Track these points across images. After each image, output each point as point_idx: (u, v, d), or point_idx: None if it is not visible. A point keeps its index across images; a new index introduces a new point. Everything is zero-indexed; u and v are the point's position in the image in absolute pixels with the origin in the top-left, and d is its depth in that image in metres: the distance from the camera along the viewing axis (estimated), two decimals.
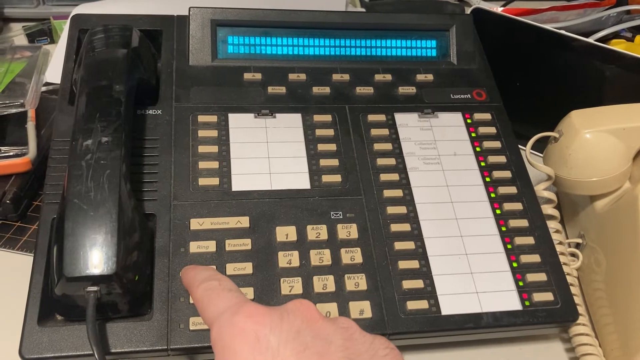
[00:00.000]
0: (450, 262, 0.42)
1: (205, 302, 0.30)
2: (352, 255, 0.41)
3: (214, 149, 0.44)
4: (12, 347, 0.36)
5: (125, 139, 0.39)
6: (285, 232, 0.41)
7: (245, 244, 0.40)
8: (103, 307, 0.36)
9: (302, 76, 0.50)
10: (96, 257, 0.35)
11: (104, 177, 0.37)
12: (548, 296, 0.42)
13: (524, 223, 0.45)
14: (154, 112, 0.46)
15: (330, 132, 0.47)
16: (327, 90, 0.49)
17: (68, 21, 0.62)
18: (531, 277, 0.42)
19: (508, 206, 0.45)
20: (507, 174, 0.47)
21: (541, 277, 0.42)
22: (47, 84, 0.60)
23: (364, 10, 0.73)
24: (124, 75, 0.42)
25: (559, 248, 0.45)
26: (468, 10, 0.75)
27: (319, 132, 0.47)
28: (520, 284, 0.42)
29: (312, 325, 0.28)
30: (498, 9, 0.76)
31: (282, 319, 0.27)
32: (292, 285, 0.39)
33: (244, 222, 0.41)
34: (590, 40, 0.60)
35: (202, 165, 0.43)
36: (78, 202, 0.36)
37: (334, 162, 0.45)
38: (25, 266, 0.44)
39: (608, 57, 0.58)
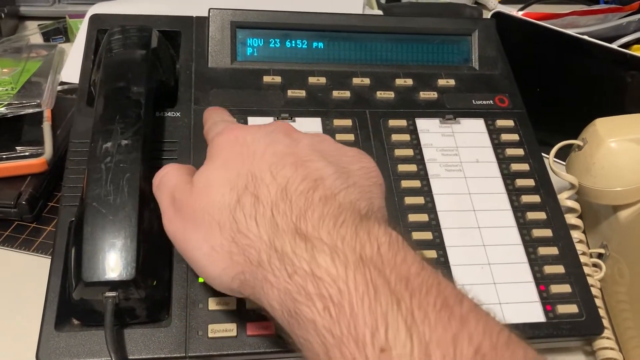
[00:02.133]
0: (473, 272, 0.41)
1: (210, 130, 0.37)
2: None
3: None
4: (27, 350, 0.36)
5: (145, 141, 0.38)
6: None
7: None
8: (121, 312, 0.35)
9: (322, 80, 0.49)
10: (115, 262, 0.34)
11: (124, 180, 0.36)
12: (572, 308, 0.41)
13: (547, 233, 0.44)
14: (173, 114, 0.45)
15: (350, 137, 0.46)
16: (347, 94, 0.49)
17: (85, 20, 0.62)
18: (555, 288, 0.41)
19: (531, 215, 0.44)
20: (530, 182, 0.46)
21: (565, 288, 0.42)
22: (62, 83, 0.60)
23: (381, 12, 0.73)
24: (144, 76, 0.41)
25: (582, 259, 0.45)
26: (486, 14, 0.74)
27: (339, 136, 0.46)
28: (544, 295, 0.41)
29: (285, 131, 0.32)
30: (516, 13, 0.75)
31: (259, 127, 0.33)
32: None
33: None
34: (613, 45, 0.59)
35: None
36: (97, 206, 0.35)
37: None
38: (41, 268, 0.44)
39: (631, 63, 0.57)
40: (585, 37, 0.60)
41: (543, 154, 0.48)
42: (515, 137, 0.48)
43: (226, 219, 0.29)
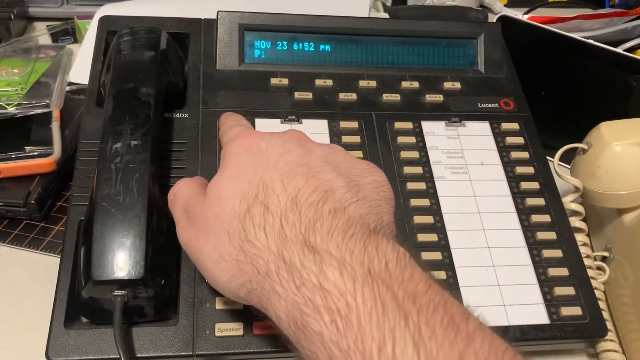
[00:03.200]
0: (478, 274, 0.42)
1: (225, 134, 0.39)
2: None
3: None
4: (37, 348, 0.36)
5: (154, 142, 0.39)
6: None
7: None
8: (129, 311, 0.36)
9: (329, 82, 0.49)
10: (124, 260, 0.34)
11: (133, 180, 0.36)
12: (576, 310, 0.41)
13: (552, 235, 0.44)
14: (181, 115, 0.46)
15: (356, 139, 0.47)
16: (353, 96, 0.49)
17: (94, 22, 0.62)
18: (559, 290, 0.42)
19: (536, 218, 0.45)
20: (535, 185, 0.46)
21: (569, 290, 0.42)
22: (70, 83, 0.60)
23: (387, 15, 0.73)
24: (154, 78, 0.42)
25: (586, 261, 0.45)
26: (492, 17, 0.75)
27: (345, 138, 0.46)
28: (548, 297, 0.41)
29: (299, 140, 0.33)
30: (522, 16, 0.75)
31: (272, 135, 0.33)
32: None
33: None
34: (619, 49, 0.59)
35: None
36: (107, 206, 0.36)
37: None
38: (49, 266, 0.45)
39: (636, 67, 0.58)
40: (591, 41, 0.60)
41: (548, 157, 0.49)
42: (520, 140, 0.49)
43: (235, 228, 0.29)
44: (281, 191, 0.29)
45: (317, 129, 0.47)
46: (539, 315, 0.41)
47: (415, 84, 0.51)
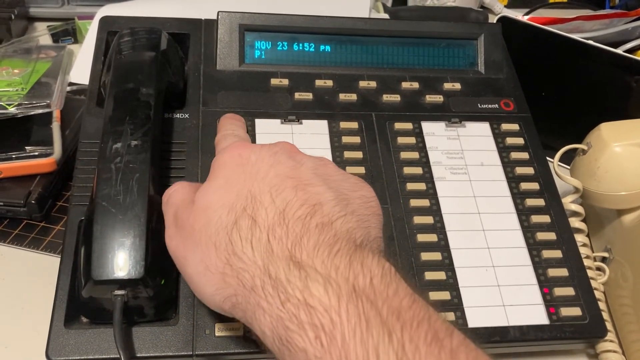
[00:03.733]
0: (477, 274, 0.42)
1: (219, 142, 0.39)
2: None
3: None
4: (37, 347, 0.37)
5: (154, 142, 0.39)
6: None
7: None
8: (129, 311, 0.36)
9: (329, 82, 0.49)
10: (124, 260, 0.34)
11: (133, 180, 0.37)
12: (576, 311, 0.41)
13: (551, 236, 0.44)
14: (181, 115, 0.46)
15: (356, 139, 0.47)
16: (353, 97, 0.49)
17: (94, 22, 0.62)
18: (558, 291, 0.42)
19: (536, 218, 0.45)
20: (534, 185, 0.46)
21: (569, 291, 0.42)
22: (71, 84, 0.61)
23: (387, 16, 0.73)
24: (154, 78, 0.42)
25: (585, 262, 0.45)
26: (492, 18, 0.75)
27: (345, 139, 0.47)
28: (548, 298, 0.41)
29: (289, 152, 0.33)
30: (522, 17, 0.75)
31: (262, 147, 0.33)
32: None
33: None
34: (619, 50, 0.59)
35: None
36: (107, 205, 0.36)
37: (360, 170, 0.45)
38: (50, 266, 0.45)
39: (636, 68, 0.58)
40: (591, 42, 0.60)
41: (548, 158, 0.49)
42: (520, 140, 0.49)
43: (222, 240, 0.29)
44: (269, 204, 0.29)
45: (317, 129, 0.47)
46: (538, 316, 0.41)
47: (416, 85, 0.51)
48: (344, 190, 0.31)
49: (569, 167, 0.52)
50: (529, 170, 0.47)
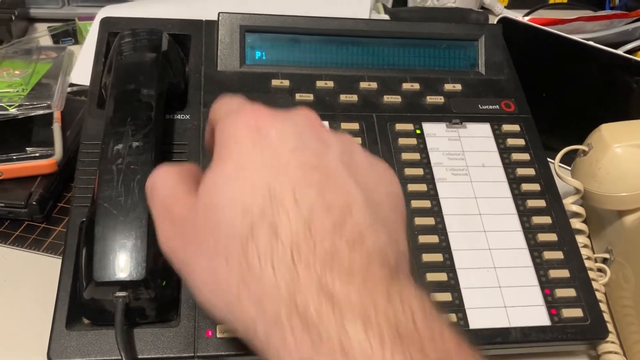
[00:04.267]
0: (479, 275, 0.42)
1: (219, 107, 0.30)
2: None
3: None
4: (38, 349, 0.36)
5: (156, 143, 0.39)
6: None
7: None
8: (131, 312, 0.36)
9: (330, 84, 0.49)
10: (125, 262, 0.34)
11: (135, 182, 0.37)
12: (577, 312, 0.41)
13: (552, 237, 0.44)
14: (182, 117, 0.46)
15: (357, 140, 0.47)
16: (354, 98, 0.49)
17: (95, 23, 0.62)
18: (560, 292, 0.42)
19: (537, 219, 0.45)
20: (535, 186, 0.46)
21: (570, 292, 0.42)
22: (71, 85, 0.61)
23: (387, 17, 0.73)
24: (155, 79, 0.42)
25: (586, 263, 0.45)
26: (493, 19, 0.75)
27: None
28: (549, 299, 0.41)
29: (314, 128, 0.27)
30: (522, 18, 0.75)
31: (284, 118, 0.27)
32: None
33: None
34: (619, 51, 0.59)
35: None
36: (108, 207, 0.36)
37: None
38: (51, 268, 0.45)
39: (636, 69, 0.58)
40: (591, 42, 0.60)
41: (549, 159, 0.49)
42: (521, 141, 0.49)
43: (235, 253, 0.24)
44: (292, 207, 0.24)
45: None
46: (540, 317, 0.41)
47: (416, 86, 0.51)
48: (373, 187, 0.27)
49: (569, 168, 0.52)
50: (530, 172, 0.47)
